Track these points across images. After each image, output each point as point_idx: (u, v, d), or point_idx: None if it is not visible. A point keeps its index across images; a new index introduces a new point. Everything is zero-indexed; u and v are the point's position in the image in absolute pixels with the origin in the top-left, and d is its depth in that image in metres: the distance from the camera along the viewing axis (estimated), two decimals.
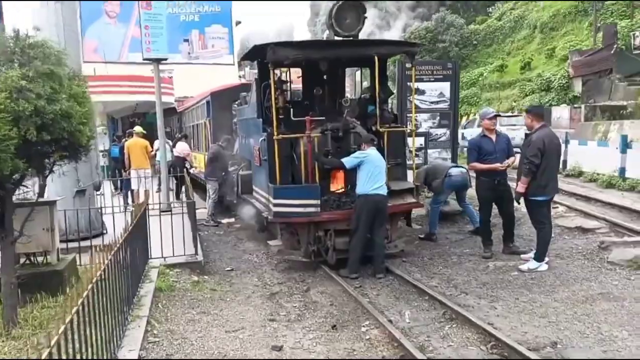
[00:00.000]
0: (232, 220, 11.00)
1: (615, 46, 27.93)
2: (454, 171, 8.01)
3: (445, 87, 9.94)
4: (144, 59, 10.11)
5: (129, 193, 11.69)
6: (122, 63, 29.82)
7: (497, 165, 6.57)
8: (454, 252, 7.30)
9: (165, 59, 10.22)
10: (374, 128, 7.59)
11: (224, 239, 8.99)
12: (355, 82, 8.04)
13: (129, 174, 11.46)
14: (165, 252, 6.55)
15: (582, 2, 35.68)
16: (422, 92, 9.84)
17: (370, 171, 6.36)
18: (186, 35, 34.74)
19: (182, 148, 13.29)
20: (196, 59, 34.55)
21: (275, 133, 6.55)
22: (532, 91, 31.64)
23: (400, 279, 6.16)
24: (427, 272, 6.47)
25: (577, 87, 29.80)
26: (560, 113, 28.66)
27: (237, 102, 9.43)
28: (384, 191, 6.42)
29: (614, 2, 33.33)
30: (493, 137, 6.73)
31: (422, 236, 7.96)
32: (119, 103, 20.47)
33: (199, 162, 14.02)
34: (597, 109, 25.83)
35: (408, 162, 7.66)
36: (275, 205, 6.54)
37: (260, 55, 6.77)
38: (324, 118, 7.06)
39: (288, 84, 7.63)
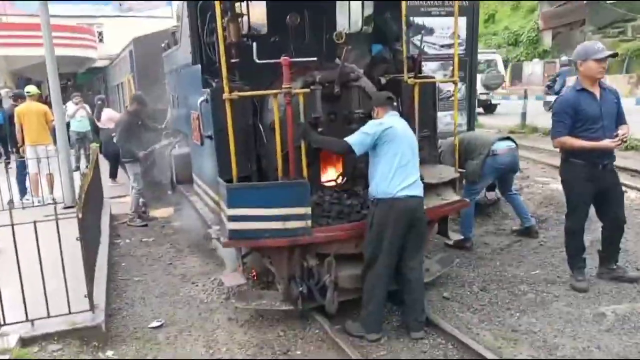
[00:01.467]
0: (170, 212, 7.99)
1: None
2: (500, 147, 5.32)
3: (460, 24, 7.13)
4: None
5: (25, 179, 8.36)
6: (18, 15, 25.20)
7: (606, 142, 3.93)
8: (516, 274, 4.69)
9: None
10: (382, 80, 4.76)
11: (154, 252, 6.00)
12: (349, 7, 5.09)
13: (24, 151, 8.08)
14: (36, 310, 3.60)
15: None
16: (430, 32, 7.02)
17: (397, 156, 3.60)
18: None
19: (109, 116, 9.97)
20: (128, 11, 30.17)
21: (226, 88, 3.61)
22: (499, 45, 29.60)
23: (457, 342, 3.52)
24: (495, 323, 3.83)
25: (547, 40, 27.91)
26: (533, 68, 26.77)
27: (163, 46, 6.25)
28: (419, 191, 3.69)
29: None
30: (597, 92, 4.03)
31: (450, 242, 5.29)
32: (26, 59, 16.32)
33: None
34: (571, 64, 24.07)
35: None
36: (232, 218, 3.65)
37: None
38: (307, 61, 4.14)
39: (245, 5, 4.54)
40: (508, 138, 5.55)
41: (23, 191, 8.07)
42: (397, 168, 3.59)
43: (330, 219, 3.88)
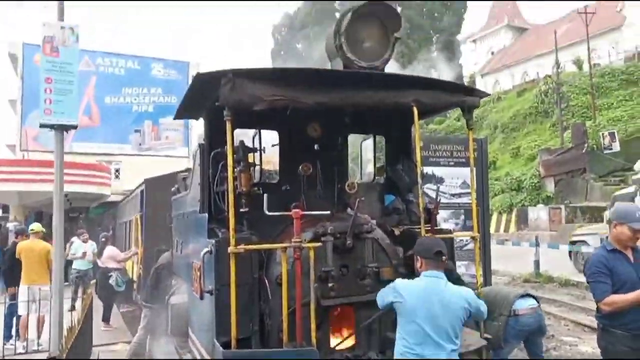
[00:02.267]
0: None
1: (585, 145, 27.28)
2: (522, 306, 4.88)
3: (469, 174, 7.17)
4: (41, 125, 6.90)
5: (14, 321, 7.84)
6: (65, 153, 26.55)
7: None
8: None
9: (75, 127, 7.05)
10: (396, 231, 4.54)
11: None
12: (361, 158, 5.10)
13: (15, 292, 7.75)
14: None
15: (541, 104, 36.10)
16: (440, 181, 7.02)
17: (411, 333, 3.22)
18: (138, 126, 32.21)
19: (111, 254, 9.70)
20: (147, 150, 31.72)
21: (232, 241, 3.37)
22: (502, 190, 30.24)
23: None
24: None
25: (550, 186, 28.52)
26: (538, 214, 26.91)
27: (173, 190, 6.21)
28: None
29: (575, 103, 33.69)
30: (630, 254, 3.74)
31: None
32: (39, 194, 16.64)
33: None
34: (577, 210, 24.20)
35: None
36: None
37: (209, 97, 3.76)
38: (318, 213, 3.97)
39: (258, 154, 4.51)
40: (529, 295, 5.13)
41: (8, 337, 7.50)
42: (411, 346, 3.18)
43: None
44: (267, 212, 3.65)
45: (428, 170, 6.87)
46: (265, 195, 3.73)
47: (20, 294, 7.47)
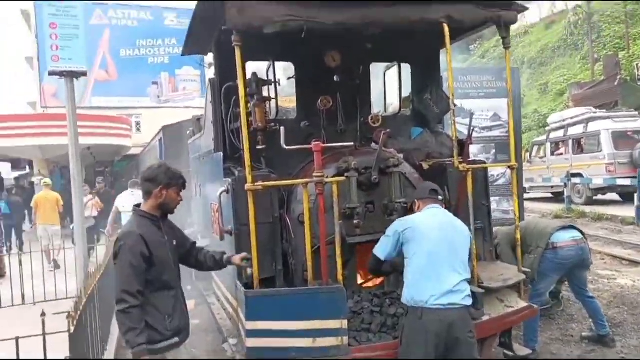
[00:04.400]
0: (191, 306, 7.38)
1: (618, 77, 25.91)
2: (562, 238, 4.59)
3: (500, 105, 6.74)
4: (50, 73, 6.68)
5: None
6: (83, 108, 26.65)
7: None
8: None
9: (84, 73, 6.80)
10: (424, 165, 4.25)
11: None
12: (385, 89, 4.73)
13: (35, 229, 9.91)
14: None
15: (571, 36, 34.23)
16: (470, 114, 6.60)
17: (423, 257, 3.00)
18: (155, 78, 31.95)
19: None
20: (166, 103, 31.60)
21: (249, 177, 3.14)
22: (529, 128, 29.28)
23: None
24: None
25: None
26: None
27: (188, 134, 5.98)
28: (461, 299, 2.95)
29: (607, 34, 31.82)
30: None
31: (509, 354, 4.38)
32: (61, 147, 16.69)
33: None
34: None
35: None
36: (251, 333, 3.01)
37: (217, 25, 3.43)
38: (341, 146, 3.69)
39: (273, 87, 4.19)
40: (572, 227, 4.82)
41: None
42: (424, 269, 2.97)
43: (371, 334, 3.19)
44: (284, 147, 3.37)
45: (457, 103, 6.45)
46: (282, 128, 3.44)
47: (39, 231, 9.53)
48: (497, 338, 3.65)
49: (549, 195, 16.79)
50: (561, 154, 15.86)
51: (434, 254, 2.98)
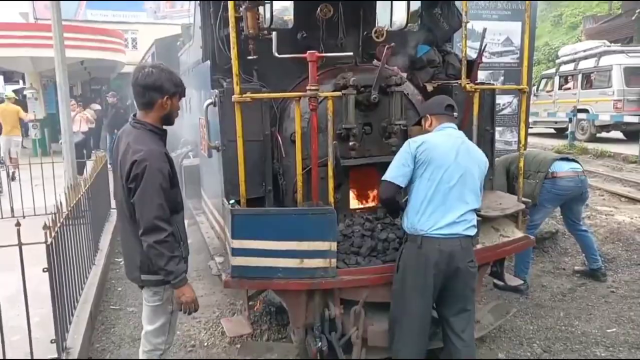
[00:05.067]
0: None
1: (638, 12, 24.69)
2: (562, 168, 4.42)
3: (514, 29, 6.31)
4: None
5: None
6: (77, 21, 25.54)
7: None
8: (586, 331, 3.78)
9: None
10: (429, 86, 3.97)
11: None
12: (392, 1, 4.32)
13: None
14: None
15: None
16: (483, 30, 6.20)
17: (434, 182, 2.77)
18: None
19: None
20: (163, 19, 30.31)
21: (236, 88, 2.88)
22: (539, 62, 28.33)
23: None
24: None
25: None
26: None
27: (178, 45, 5.60)
28: (465, 229, 2.78)
29: None
30: None
31: (499, 283, 4.36)
32: (51, 60, 16.05)
33: None
34: None
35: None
36: (237, 252, 2.89)
37: None
38: (339, 56, 3.40)
39: None
40: (572, 160, 4.64)
41: None
42: (432, 197, 2.76)
43: (360, 257, 3.07)
44: (276, 54, 3.07)
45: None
46: (274, 33, 3.12)
47: (2, 142, 10.19)
48: (488, 267, 3.56)
49: (552, 130, 16.49)
50: (569, 88, 15.39)
51: (444, 182, 2.76)
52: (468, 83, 3.29)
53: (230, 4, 2.83)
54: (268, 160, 3.41)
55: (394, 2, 4.36)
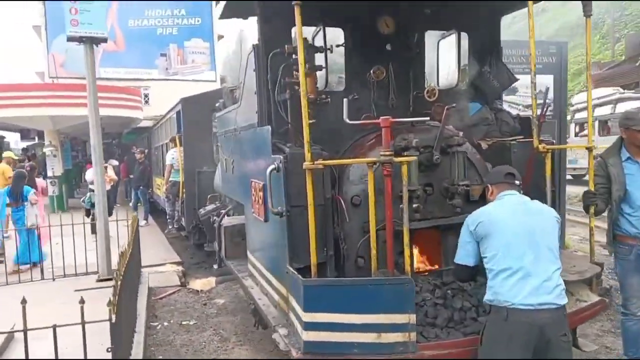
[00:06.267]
0: (212, 284, 7.24)
1: None
2: None
3: (546, 81, 6.34)
4: (69, 38, 6.30)
5: None
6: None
7: None
8: None
9: (105, 39, 6.43)
10: (483, 144, 3.91)
11: (195, 340, 5.10)
12: (439, 60, 4.34)
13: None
14: None
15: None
16: (513, 91, 6.23)
17: (500, 250, 2.69)
18: (163, 50, 31.42)
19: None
20: (174, 75, 31.11)
21: (308, 155, 2.82)
22: None
23: None
24: None
25: None
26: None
27: (217, 106, 5.63)
28: (553, 297, 2.60)
29: (629, 12, 30.88)
30: None
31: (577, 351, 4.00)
32: (72, 118, 16.36)
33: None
34: None
35: None
36: (309, 326, 2.73)
37: None
38: (411, 121, 3.38)
39: (322, 56, 3.79)
40: None
41: None
42: (506, 266, 2.64)
43: (437, 329, 2.90)
44: (347, 121, 3.04)
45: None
46: (345, 100, 3.10)
47: None
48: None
49: (569, 177, 16.40)
50: (585, 135, 15.41)
51: (513, 246, 2.65)
52: (540, 143, 3.22)
53: (301, 69, 2.81)
54: (329, 225, 3.31)
55: (440, 61, 4.38)
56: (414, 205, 3.30)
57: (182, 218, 9.52)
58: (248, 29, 4.77)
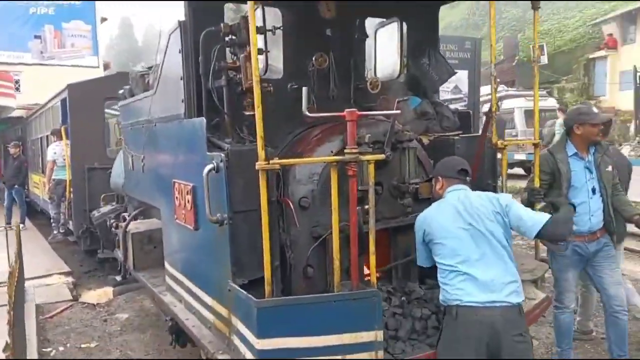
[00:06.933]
0: (109, 295, 6.47)
1: (517, 58, 27.74)
2: None
3: (461, 77, 6.45)
4: None
5: None
6: None
7: None
8: None
9: None
10: (424, 139, 3.76)
11: None
12: (376, 49, 4.09)
13: None
14: None
15: (472, 16, 35.98)
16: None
17: (446, 247, 2.66)
18: (38, 31, 28.02)
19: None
20: (51, 60, 27.92)
21: (261, 153, 2.40)
22: None
23: None
24: None
25: None
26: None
27: (121, 93, 4.89)
28: (507, 295, 2.52)
29: (505, 15, 33.84)
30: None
31: None
32: None
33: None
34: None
35: None
36: (265, 353, 2.32)
37: None
38: (373, 113, 3.09)
39: (263, 38, 3.32)
40: None
41: None
42: (453, 265, 2.59)
43: (400, 342, 2.65)
44: (307, 114, 2.64)
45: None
46: (305, 89, 2.70)
47: None
48: None
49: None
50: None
51: (458, 249, 2.60)
52: (499, 140, 3.10)
53: (253, 51, 2.37)
54: (275, 231, 2.90)
55: (377, 51, 4.14)
56: (366, 207, 3.02)
57: (69, 221, 8.40)
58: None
